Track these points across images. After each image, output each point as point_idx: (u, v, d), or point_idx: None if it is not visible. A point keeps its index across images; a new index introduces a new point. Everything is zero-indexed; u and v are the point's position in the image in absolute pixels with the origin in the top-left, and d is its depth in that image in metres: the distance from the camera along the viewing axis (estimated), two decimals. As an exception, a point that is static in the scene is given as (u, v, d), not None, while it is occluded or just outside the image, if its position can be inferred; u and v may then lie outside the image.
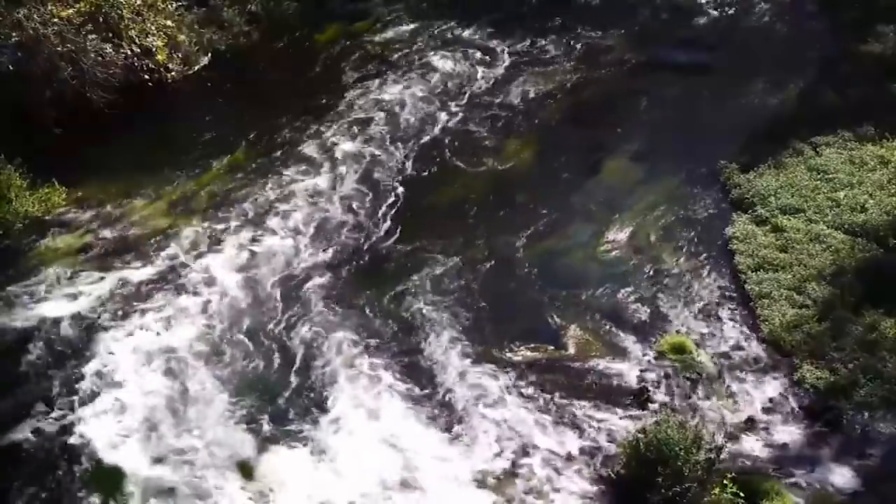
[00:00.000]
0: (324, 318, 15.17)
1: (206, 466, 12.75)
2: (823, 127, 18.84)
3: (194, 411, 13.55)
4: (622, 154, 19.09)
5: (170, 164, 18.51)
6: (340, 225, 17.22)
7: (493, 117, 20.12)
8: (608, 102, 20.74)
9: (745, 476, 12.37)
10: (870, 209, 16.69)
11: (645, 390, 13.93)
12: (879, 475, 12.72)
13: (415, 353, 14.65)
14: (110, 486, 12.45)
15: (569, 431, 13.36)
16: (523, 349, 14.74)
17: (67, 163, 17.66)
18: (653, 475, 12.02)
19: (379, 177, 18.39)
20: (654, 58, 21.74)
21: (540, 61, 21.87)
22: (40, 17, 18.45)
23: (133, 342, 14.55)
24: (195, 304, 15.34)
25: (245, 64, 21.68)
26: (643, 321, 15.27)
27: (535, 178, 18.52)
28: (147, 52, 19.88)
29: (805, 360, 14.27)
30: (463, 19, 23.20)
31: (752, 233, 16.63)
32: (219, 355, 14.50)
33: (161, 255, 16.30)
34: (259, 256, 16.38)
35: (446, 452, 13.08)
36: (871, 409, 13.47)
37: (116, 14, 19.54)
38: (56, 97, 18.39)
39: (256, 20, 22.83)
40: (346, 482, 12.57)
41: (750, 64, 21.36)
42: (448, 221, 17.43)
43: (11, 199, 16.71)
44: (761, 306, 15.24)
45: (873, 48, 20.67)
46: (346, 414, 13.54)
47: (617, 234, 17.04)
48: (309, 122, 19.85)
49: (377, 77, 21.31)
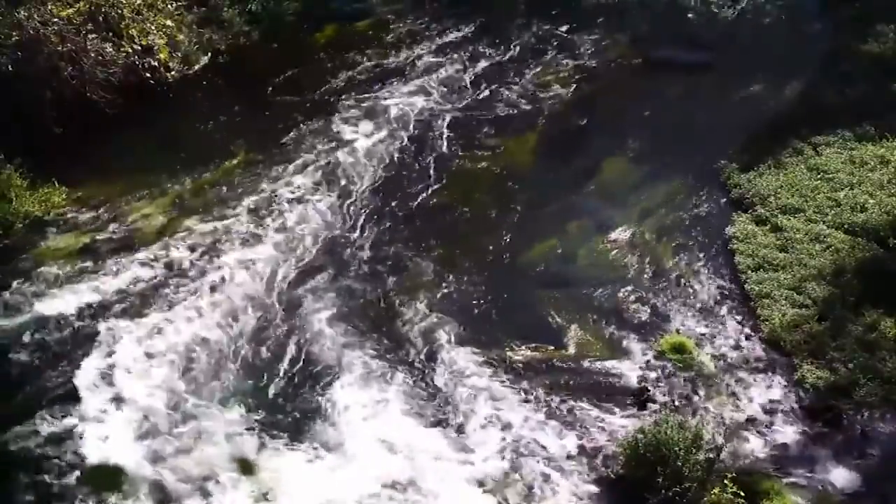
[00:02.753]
0: (324, 318, 15.18)
1: (206, 466, 12.75)
2: (823, 127, 18.86)
3: (195, 411, 13.55)
4: (622, 154, 19.12)
5: (170, 164, 18.50)
6: (340, 225, 17.23)
7: (494, 117, 20.13)
8: (608, 102, 20.76)
9: (745, 476, 12.38)
10: (870, 209, 16.69)
11: (645, 390, 13.95)
12: (879, 475, 12.74)
13: (415, 352, 14.66)
14: (110, 486, 12.45)
15: (569, 431, 13.37)
16: (524, 349, 14.74)
17: (67, 163, 17.68)
18: (652, 475, 12.04)
19: (378, 176, 18.39)
20: (654, 58, 21.74)
21: (540, 61, 21.87)
22: (40, 17, 18.45)
23: (133, 342, 14.53)
24: (195, 303, 15.32)
25: (245, 64, 21.67)
26: (643, 321, 15.28)
27: (534, 177, 18.53)
28: (147, 51, 19.87)
29: (805, 360, 14.28)
30: (463, 19, 23.19)
31: (752, 232, 16.64)
32: (219, 355, 14.50)
33: (161, 255, 16.28)
34: (259, 256, 16.37)
35: (446, 452, 13.09)
36: (871, 409, 13.50)
37: (117, 13, 19.55)
38: (56, 97, 18.36)
39: (256, 20, 22.80)
40: (347, 482, 12.56)
41: (750, 63, 21.37)
42: (448, 221, 17.44)
43: (11, 199, 16.72)
44: (761, 306, 15.25)
45: (873, 47, 20.65)
46: (347, 414, 13.55)
47: (617, 234, 17.04)
48: (308, 121, 19.85)
49: (377, 77, 21.31)
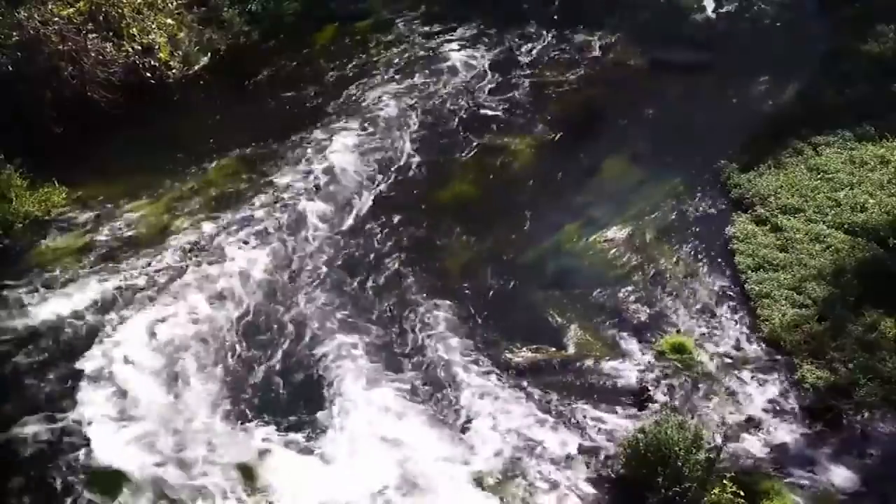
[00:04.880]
0: (324, 318, 15.18)
1: (207, 466, 12.76)
2: (823, 127, 18.83)
3: (195, 411, 13.56)
4: (622, 154, 19.09)
5: (170, 164, 18.51)
6: (340, 225, 17.23)
7: (494, 117, 20.12)
8: (608, 102, 20.73)
9: (745, 476, 12.38)
10: (870, 209, 16.69)
11: (645, 390, 13.95)
12: (879, 475, 12.74)
13: (415, 353, 14.66)
14: (111, 487, 12.47)
15: (569, 431, 13.39)
16: (524, 349, 14.74)
17: (67, 163, 17.70)
18: (653, 475, 12.05)
19: (378, 176, 18.40)
20: (654, 58, 21.72)
21: (540, 61, 21.85)
22: (41, 17, 18.46)
23: (133, 342, 14.56)
24: (196, 303, 15.34)
25: (244, 64, 21.67)
26: (643, 321, 15.27)
27: (535, 177, 18.52)
28: (148, 51, 19.89)
29: (805, 360, 14.28)
30: (463, 19, 23.18)
31: (752, 232, 16.64)
32: (220, 355, 14.51)
33: (161, 255, 16.30)
34: (260, 256, 16.37)
35: (447, 452, 13.10)
36: (871, 409, 13.49)
37: (117, 12, 19.55)
38: (56, 97, 18.37)
39: (256, 20, 22.81)
40: (348, 482, 12.57)
41: (750, 63, 21.36)
42: (448, 221, 17.42)
43: (11, 199, 16.74)
44: (761, 306, 15.25)
45: (873, 47, 20.64)
46: (348, 414, 13.55)
47: (617, 234, 17.04)
48: (308, 121, 19.84)
49: (377, 77, 21.30)
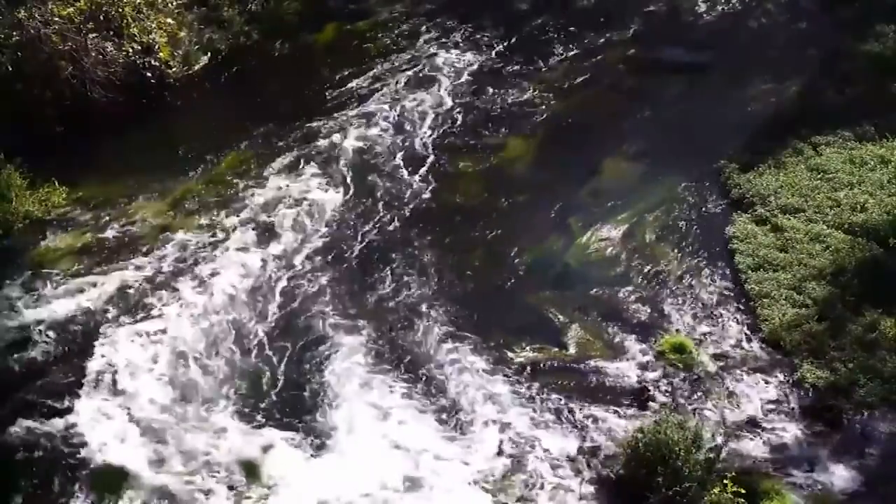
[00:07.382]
0: (325, 319, 15.17)
1: (207, 466, 12.76)
2: (823, 127, 18.79)
3: (196, 411, 13.57)
4: (622, 154, 19.08)
5: (171, 164, 18.50)
6: (341, 225, 17.22)
7: (494, 117, 20.10)
8: (608, 102, 20.72)
9: (745, 476, 12.35)
10: (870, 209, 16.67)
11: (645, 390, 13.93)
12: (879, 475, 12.73)
13: (415, 353, 14.65)
14: (111, 487, 12.45)
15: (569, 431, 13.38)
16: (524, 349, 14.74)
17: (67, 163, 17.67)
18: (653, 475, 12.02)
19: (378, 176, 18.38)
20: (653, 58, 21.71)
21: (540, 61, 21.83)
22: (41, 17, 18.44)
23: (134, 342, 14.56)
24: (196, 303, 15.34)
25: (245, 63, 21.66)
26: (643, 321, 15.26)
27: (534, 177, 18.50)
28: (148, 50, 19.88)
29: (805, 360, 14.26)
30: (463, 19, 23.15)
31: (752, 232, 16.63)
32: (221, 354, 14.51)
33: (162, 255, 16.31)
34: (260, 256, 16.38)
35: (447, 452, 13.08)
36: (871, 409, 13.48)
37: (118, 11, 19.54)
38: (56, 97, 18.37)
39: (256, 20, 22.79)
40: (348, 482, 12.55)
41: (750, 63, 21.33)
42: (448, 221, 17.42)
43: (11, 199, 16.72)
44: (761, 306, 15.25)
45: (873, 47, 20.64)
46: (348, 414, 13.54)
47: (617, 234, 17.03)
48: (308, 121, 19.83)
49: (376, 77, 21.28)
